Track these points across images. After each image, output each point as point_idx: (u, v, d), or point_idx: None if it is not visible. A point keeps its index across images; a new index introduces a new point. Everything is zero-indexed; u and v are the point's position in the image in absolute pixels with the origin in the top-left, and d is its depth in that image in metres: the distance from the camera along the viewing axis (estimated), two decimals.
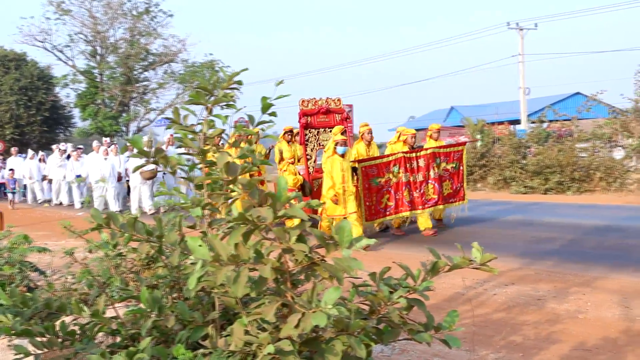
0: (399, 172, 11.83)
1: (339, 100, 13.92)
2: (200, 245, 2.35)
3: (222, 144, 3.96)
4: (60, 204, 22.98)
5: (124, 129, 39.27)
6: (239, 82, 2.99)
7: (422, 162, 12.11)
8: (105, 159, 19.07)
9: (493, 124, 28.96)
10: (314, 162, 13.93)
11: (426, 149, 12.33)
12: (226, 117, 3.08)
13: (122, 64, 38.38)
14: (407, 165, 11.93)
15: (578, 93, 47.13)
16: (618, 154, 21.62)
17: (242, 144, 3.20)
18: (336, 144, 11.19)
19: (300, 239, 2.36)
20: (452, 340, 2.65)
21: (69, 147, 24.15)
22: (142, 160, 2.98)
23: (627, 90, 36.72)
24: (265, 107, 2.97)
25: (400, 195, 11.83)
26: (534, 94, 43.05)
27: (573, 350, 5.58)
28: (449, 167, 12.60)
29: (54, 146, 24.05)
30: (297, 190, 12.52)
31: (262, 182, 14.22)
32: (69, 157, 22.98)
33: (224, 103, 3.02)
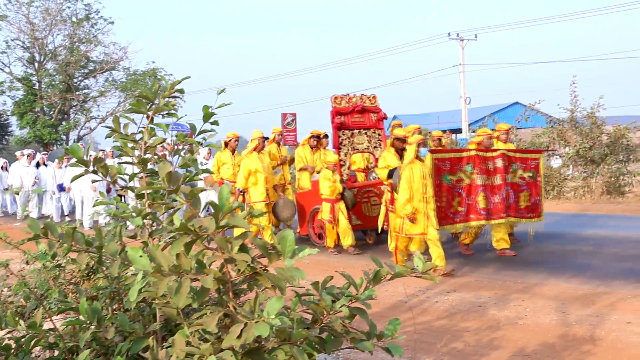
0: (472, 172, 9.86)
1: (374, 97, 12.27)
2: (141, 256, 2.32)
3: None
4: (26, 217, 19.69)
5: (63, 137, 38.44)
6: (180, 91, 2.96)
7: (499, 163, 10.10)
8: None
9: None
10: (348, 169, 12.06)
11: (499, 149, 10.39)
12: (167, 125, 3.06)
13: (61, 71, 37.57)
14: (483, 165, 9.97)
15: (517, 103, 48.18)
16: (556, 162, 22.16)
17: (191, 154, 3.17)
18: (418, 146, 9.34)
19: (243, 248, 2.35)
20: (394, 348, 2.67)
21: (38, 153, 21.31)
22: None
23: (564, 100, 37.70)
24: (207, 116, 2.95)
25: (472, 201, 9.85)
26: (475, 103, 43.85)
27: (513, 355, 5.68)
28: (525, 175, 10.57)
29: (17, 153, 21.17)
30: (335, 199, 11.02)
31: (283, 186, 12.84)
32: (38, 164, 20.20)
33: (165, 112, 2.99)
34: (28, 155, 20.10)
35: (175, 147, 3.25)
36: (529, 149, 13.15)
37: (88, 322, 2.69)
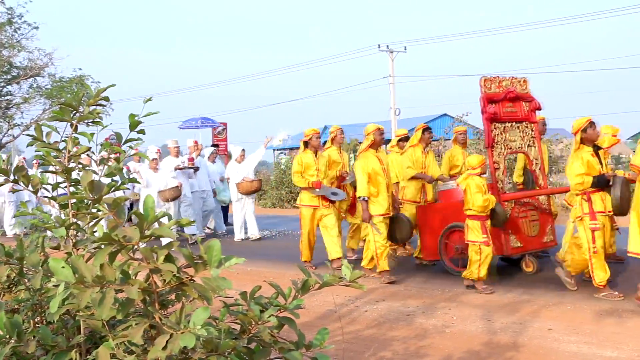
0: None
1: (524, 81, 9.44)
2: (63, 267, 2.26)
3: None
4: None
5: None
6: (106, 99, 2.91)
7: None
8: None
9: None
10: (503, 174, 9.18)
11: None
12: (92, 134, 3.00)
13: None
14: None
15: (445, 114, 49.00)
16: None
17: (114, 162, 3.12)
18: None
19: (169, 258, 2.32)
20: (323, 357, 2.67)
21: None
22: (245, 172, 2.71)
23: None
24: (133, 124, 2.91)
25: None
26: (404, 114, 44.56)
27: None
28: None
29: None
30: (486, 217, 8.42)
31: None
32: None
33: (90, 120, 2.93)
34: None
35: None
36: None
37: (8, 336, 2.60)
